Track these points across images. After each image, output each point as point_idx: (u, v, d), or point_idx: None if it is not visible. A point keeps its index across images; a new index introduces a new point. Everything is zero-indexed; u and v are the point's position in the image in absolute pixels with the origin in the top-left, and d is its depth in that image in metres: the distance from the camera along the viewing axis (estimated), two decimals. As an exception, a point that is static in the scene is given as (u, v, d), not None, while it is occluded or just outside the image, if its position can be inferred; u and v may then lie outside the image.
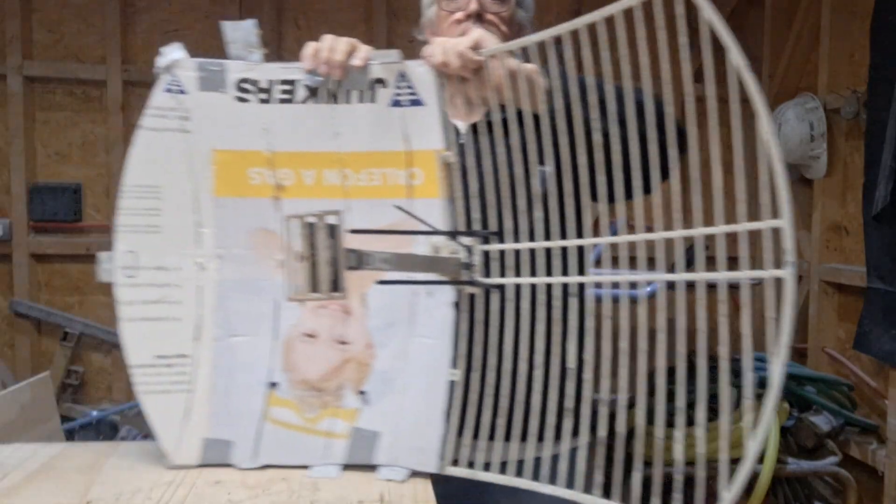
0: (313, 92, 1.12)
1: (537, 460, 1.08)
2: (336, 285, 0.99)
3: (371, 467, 1.14)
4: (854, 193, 2.92)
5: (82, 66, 3.40)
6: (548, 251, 1.06)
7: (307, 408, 1.17)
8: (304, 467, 1.15)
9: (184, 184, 1.14)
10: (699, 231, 0.87)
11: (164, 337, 1.15)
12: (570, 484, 1.02)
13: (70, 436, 3.05)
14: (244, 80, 1.13)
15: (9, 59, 3.30)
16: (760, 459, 2.28)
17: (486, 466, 1.12)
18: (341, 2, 3.59)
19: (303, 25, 3.58)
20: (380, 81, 1.11)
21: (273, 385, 1.17)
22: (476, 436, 1.11)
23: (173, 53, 1.13)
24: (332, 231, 0.99)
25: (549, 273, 1.05)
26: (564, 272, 1.05)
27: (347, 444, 1.15)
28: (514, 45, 1.06)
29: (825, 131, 2.97)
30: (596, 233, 1.05)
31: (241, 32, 1.12)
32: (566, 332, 1.05)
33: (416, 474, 1.14)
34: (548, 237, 1.05)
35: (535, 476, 1.07)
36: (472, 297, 1.12)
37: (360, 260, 1.00)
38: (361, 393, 1.16)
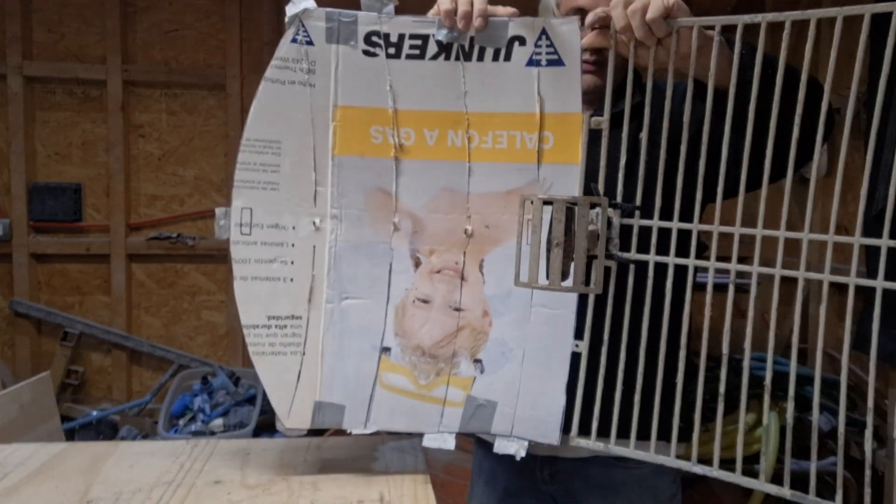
0: (444, 48, 1.07)
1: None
2: (588, 278, 0.94)
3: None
4: (854, 193, 2.91)
5: (82, 66, 3.40)
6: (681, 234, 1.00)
7: (421, 374, 1.14)
8: (415, 435, 1.14)
9: (304, 140, 1.11)
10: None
11: (277, 297, 1.13)
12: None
13: (70, 436, 3.05)
14: (373, 34, 1.08)
15: (9, 59, 3.31)
16: (759, 460, 2.27)
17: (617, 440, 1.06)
18: (342, 2, 3.59)
19: (303, 25, 3.58)
20: (518, 39, 1.06)
21: (386, 350, 1.14)
22: (606, 410, 1.06)
23: (304, 2, 1.08)
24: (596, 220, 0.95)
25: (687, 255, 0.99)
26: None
27: (463, 413, 1.13)
28: (711, 21, 0.97)
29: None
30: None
31: None
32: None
33: (415, 472, 1.14)
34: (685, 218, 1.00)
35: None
36: (606, 270, 1.06)
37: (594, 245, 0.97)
38: (477, 361, 1.13)
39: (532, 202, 0.96)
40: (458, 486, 2.20)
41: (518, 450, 1.10)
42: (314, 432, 1.18)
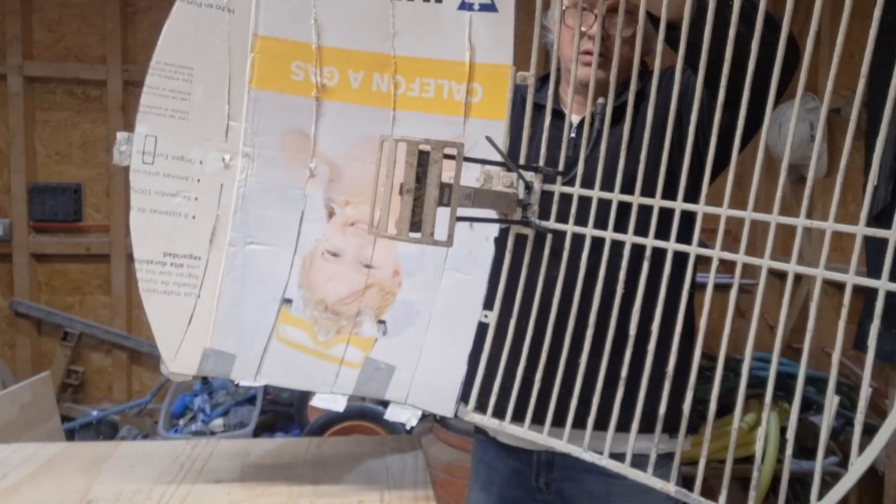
0: None
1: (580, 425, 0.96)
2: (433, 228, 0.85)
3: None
4: (854, 193, 2.91)
5: (82, 66, 3.40)
6: (634, 210, 0.92)
7: (321, 330, 1.08)
8: (307, 393, 1.08)
9: (219, 69, 1.05)
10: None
11: (176, 234, 1.06)
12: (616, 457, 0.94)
13: (70, 436, 3.05)
14: None
15: (9, 59, 3.30)
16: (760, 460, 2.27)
17: (519, 420, 1.00)
18: None
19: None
20: None
21: (287, 301, 1.08)
22: (507, 387, 1.00)
23: None
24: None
25: (622, 230, 0.93)
26: (643, 233, 0.92)
27: (359, 375, 1.07)
28: None
29: (825, 131, 2.98)
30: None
31: None
32: (632, 296, 0.92)
33: (415, 472, 1.13)
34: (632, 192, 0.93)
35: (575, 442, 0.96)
36: (522, 238, 1.01)
37: (448, 196, 0.88)
38: (381, 322, 1.08)
39: (386, 142, 0.87)
40: (458, 486, 2.20)
41: (409, 418, 1.05)
42: (313, 431, 1.18)
